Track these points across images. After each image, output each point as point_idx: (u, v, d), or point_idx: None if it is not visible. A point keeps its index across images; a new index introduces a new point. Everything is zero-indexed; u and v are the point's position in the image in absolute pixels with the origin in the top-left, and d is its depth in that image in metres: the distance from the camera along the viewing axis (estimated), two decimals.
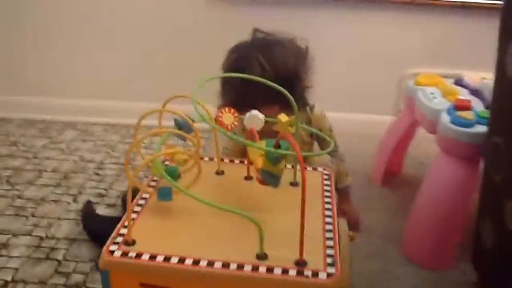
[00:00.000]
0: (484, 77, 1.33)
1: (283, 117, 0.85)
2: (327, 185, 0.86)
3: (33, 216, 1.37)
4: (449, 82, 1.37)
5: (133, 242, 0.69)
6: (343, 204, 1.31)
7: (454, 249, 1.18)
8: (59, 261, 1.19)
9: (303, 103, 1.13)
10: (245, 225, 0.63)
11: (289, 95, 0.81)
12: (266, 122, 0.83)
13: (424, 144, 1.52)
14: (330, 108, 1.99)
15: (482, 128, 1.06)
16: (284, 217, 0.76)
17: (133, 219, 0.75)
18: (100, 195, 1.49)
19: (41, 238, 1.28)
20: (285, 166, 0.73)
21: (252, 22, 1.11)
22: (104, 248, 0.67)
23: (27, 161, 1.70)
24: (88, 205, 1.35)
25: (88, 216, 1.30)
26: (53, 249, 1.24)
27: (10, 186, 1.53)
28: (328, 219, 0.75)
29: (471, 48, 1.82)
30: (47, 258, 1.20)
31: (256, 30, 1.11)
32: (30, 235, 1.29)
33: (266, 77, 0.99)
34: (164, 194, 0.75)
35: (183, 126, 0.83)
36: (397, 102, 1.94)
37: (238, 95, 0.99)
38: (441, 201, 1.13)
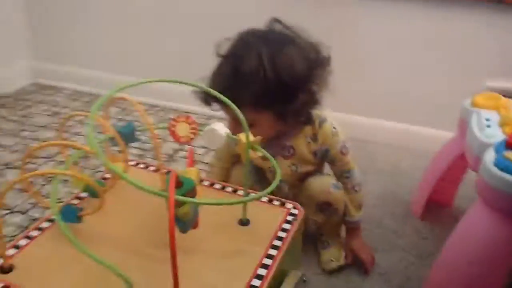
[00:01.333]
0: None
1: (244, 137, 0.68)
2: (284, 229, 0.68)
3: None
4: None
5: (9, 269, 0.58)
6: (352, 240, 1.10)
7: None
8: None
9: (306, 118, 0.94)
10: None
11: (238, 110, 0.63)
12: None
13: None
14: (384, 116, 1.74)
15: None
16: (203, 269, 0.60)
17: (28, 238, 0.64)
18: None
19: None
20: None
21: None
22: None
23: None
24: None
25: None
26: None
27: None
28: (255, 281, 0.58)
29: None
30: None
31: (274, 21, 0.93)
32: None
33: (262, 75, 0.83)
34: (68, 215, 0.62)
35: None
36: None
37: (224, 86, 0.82)
38: (470, 261, 0.88)
